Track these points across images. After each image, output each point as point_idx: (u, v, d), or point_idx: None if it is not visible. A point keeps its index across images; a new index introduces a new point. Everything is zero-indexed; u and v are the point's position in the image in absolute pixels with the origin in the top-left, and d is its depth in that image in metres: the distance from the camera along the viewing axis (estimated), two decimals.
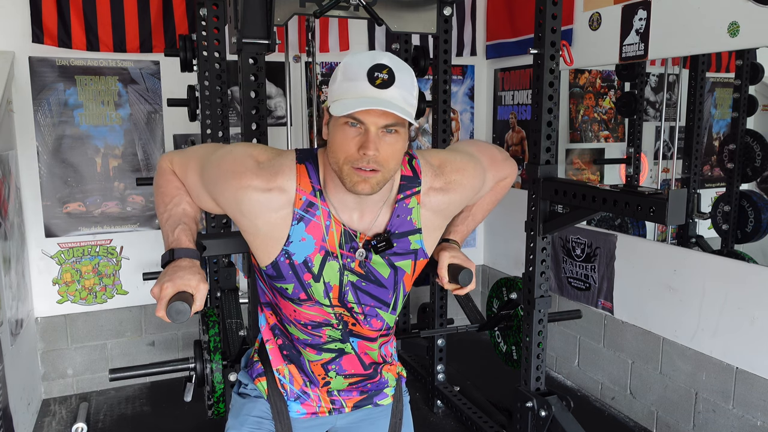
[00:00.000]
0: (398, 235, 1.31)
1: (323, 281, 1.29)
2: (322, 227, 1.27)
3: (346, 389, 1.45)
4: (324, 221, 1.27)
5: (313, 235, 1.26)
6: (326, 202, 1.27)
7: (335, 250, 1.28)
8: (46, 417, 3.20)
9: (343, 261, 1.29)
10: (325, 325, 1.35)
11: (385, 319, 1.39)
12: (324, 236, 1.27)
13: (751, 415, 2.50)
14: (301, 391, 1.44)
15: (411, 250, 1.34)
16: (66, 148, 3.26)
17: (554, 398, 2.32)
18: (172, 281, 1.16)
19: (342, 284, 1.30)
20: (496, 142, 4.08)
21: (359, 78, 1.13)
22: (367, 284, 1.33)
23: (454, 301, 3.00)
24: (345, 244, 1.29)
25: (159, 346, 3.57)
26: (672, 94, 3.28)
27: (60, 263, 3.33)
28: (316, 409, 1.46)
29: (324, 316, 1.33)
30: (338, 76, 1.17)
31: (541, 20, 2.19)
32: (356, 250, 1.29)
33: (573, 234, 3.31)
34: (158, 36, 3.29)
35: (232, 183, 1.24)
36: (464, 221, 1.56)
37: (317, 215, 1.26)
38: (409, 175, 1.31)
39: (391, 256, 1.32)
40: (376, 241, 1.29)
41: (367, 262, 1.31)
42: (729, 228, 2.81)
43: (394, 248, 1.31)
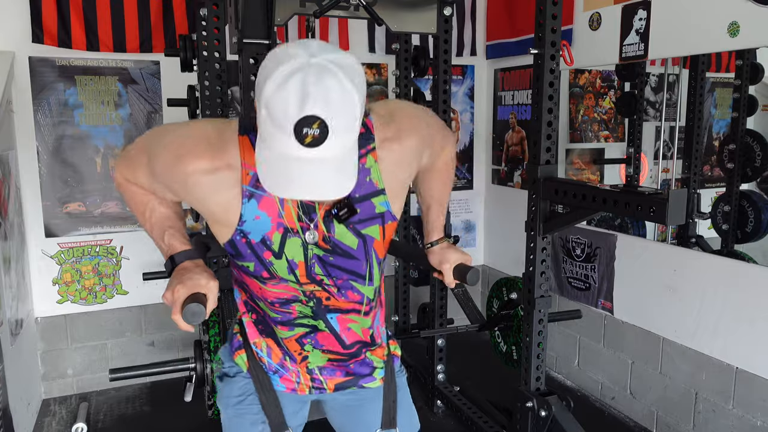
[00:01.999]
0: (360, 198, 1.18)
1: (285, 258, 1.19)
2: (276, 203, 1.15)
3: (326, 366, 1.36)
4: (276, 196, 1.15)
5: (267, 212, 1.15)
6: None
7: (294, 226, 1.17)
8: (46, 417, 3.20)
9: (305, 236, 1.18)
10: (293, 302, 1.26)
11: (363, 291, 1.28)
12: (280, 212, 1.16)
13: (751, 415, 2.50)
14: (279, 365, 1.36)
15: (376, 213, 1.21)
16: (66, 148, 3.26)
17: (554, 398, 2.32)
18: (182, 284, 1.15)
19: (307, 259, 1.20)
20: (496, 142, 4.09)
21: (284, 130, 0.94)
22: (335, 258, 1.22)
23: (454, 301, 3.00)
24: (303, 216, 1.17)
25: (159, 346, 3.57)
26: (672, 94, 3.28)
27: (60, 263, 3.33)
28: (296, 386, 1.38)
29: (292, 293, 1.24)
30: (262, 102, 0.97)
31: (541, 20, 2.19)
32: (316, 224, 1.18)
33: (573, 234, 3.31)
34: (158, 36, 3.29)
35: (179, 169, 1.15)
36: (438, 215, 1.53)
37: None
38: (362, 132, 1.11)
39: (356, 224, 1.20)
40: (337, 209, 1.16)
41: (330, 236, 1.19)
42: (729, 228, 2.81)
43: (357, 214, 1.19)
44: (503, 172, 4.03)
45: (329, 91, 0.94)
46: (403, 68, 3.25)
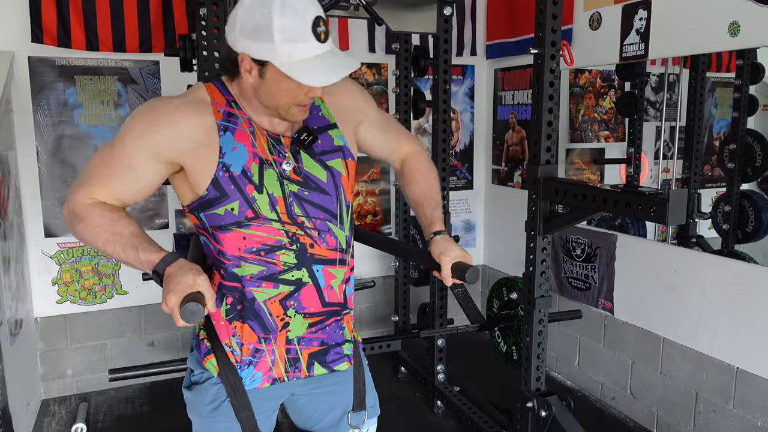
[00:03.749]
0: (318, 130, 1.38)
1: (266, 192, 1.30)
2: (248, 134, 1.31)
3: (305, 335, 1.40)
4: (248, 128, 1.31)
5: (243, 143, 1.30)
6: (243, 111, 1.32)
7: (268, 157, 1.31)
8: (45, 417, 3.20)
9: (279, 169, 1.32)
10: (278, 249, 1.32)
11: (338, 235, 1.39)
12: (253, 142, 1.31)
13: (751, 415, 2.50)
14: (253, 351, 1.38)
15: (336, 146, 1.40)
16: (65, 148, 3.26)
17: (554, 398, 2.32)
18: (172, 292, 1.17)
19: (285, 195, 1.32)
20: (496, 142, 4.09)
21: (306, 38, 1.20)
22: (309, 193, 1.35)
23: (454, 301, 3.00)
24: (273, 149, 1.33)
25: (159, 346, 3.57)
26: (672, 94, 3.28)
27: (59, 263, 3.32)
28: (271, 367, 1.40)
29: (275, 237, 1.32)
30: (274, 32, 1.19)
31: (541, 20, 2.19)
32: (284, 155, 1.33)
33: (573, 234, 3.31)
34: (158, 36, 3.29)
35: (159, 118, 1.28)
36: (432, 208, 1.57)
37: (240, 123, 1.31)
38: None
39: (321, 156, 1.37)
40: (299, 134, 1.34)
41: (300, 167, 1.34)
42: (729, 228, 2.81)
43: (320, 145, 1.37)
44: (503, 172, 4.03)
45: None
46: (403, 68, 3.25)
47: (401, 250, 2.70)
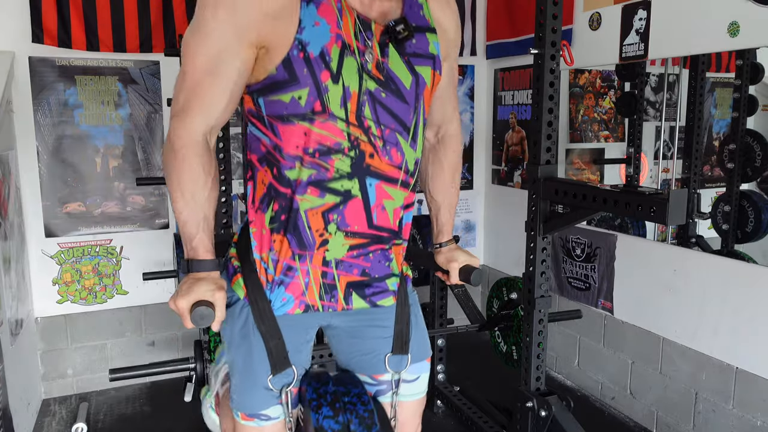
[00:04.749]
0: (415, 28, 1.22)
1: (342, 84, 1.15)
2: (335, 10, 1.14)
3: (344, 260, 1.27)
4: (335, 3, 1.15)
5: (326, 19, 1.13)
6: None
7: (352, 42, 1.15)
8: (46, 417, 3.20)
9: (361, 59, 1.16)
10: (335, 152, 1.18)
11: (405, 153, 1.25)
12: (338, 21, 1.14)
13: (751, 415, 2.50)
14: (285, 268, 1.26)
15: (430, 53, 1.25)
16: (66, 148, 3.26)
17: (554, 398, 2.32)
18: (186, 297, 1.15)
19: (361, 91, 1.17)
20: (496, 142, 4.09)
21: None
22: (387, 95, 1.20)
23: (454, 301, 3.00)
24: (359, 34, 1.16)
25: (159, 346, 3.57)
26: (672, 94, 3.28)
27: (60, 263, 3.33)
28: (304, 290, 1.27)
29: (336, 138, 1.18)
30: None
31: (541, 20, 2.19)
32: (371, 44, 1.17)
33: (573, 234, 3.31)
34: (158, 36, 3.29)
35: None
36: (447, 218, 1.53)
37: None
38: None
39: (411, 57, 1.22)
40: (395, 23, 1.17)
41: (384, 63, 1.19)
42: (729, 228, 2.81)
43: (413, 46, 1.21)
44: (503, 172, 4.03)
45: None
46: None
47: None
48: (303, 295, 1.28)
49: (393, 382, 1.41)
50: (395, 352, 1.39)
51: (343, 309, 1.31)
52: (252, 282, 1.28)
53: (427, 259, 1.54)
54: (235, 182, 3.15)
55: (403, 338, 1.39)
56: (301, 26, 1.12)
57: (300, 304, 1.29)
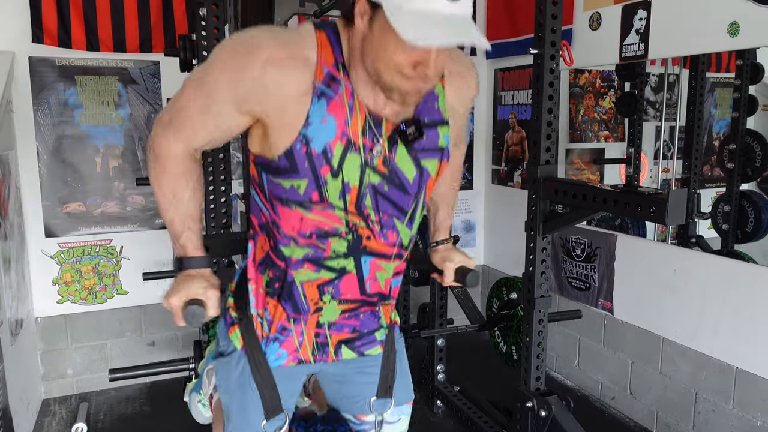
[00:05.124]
0: (427, 124, 1.20)
1: (342, 179, 1.14)
2: (345, 108, 1.12)
3: (336, 321, 1.32)
4: (347, 100, 1.12)
5: (335, 116, 1.11)
6: (349, 78, 1.12)
7: (357, 140, 1.14)
8: (46, 417, 3.20)
9: (365, 156, 1.15)
10: (332, 235, 1.20)
11: (401, 232, 1.26)
12: (347, 119, 1.12)
13: (751, 415, 2.50)
14: (280, 328, 1.30)
15: (438, 147, 1.23)
16: (66, 148, 3.26)
17: (554, 398, 2.32)
18: (178, 294, 1.17)
19: (362, 185, 1.17)
20: (496, 142, 4.09)
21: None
22: (390, 188, 1.20)
23: (454, 301, 3.00)
24: (368, 131, 1.14)
25: (159, 346, 3.57)
26: (672, 94, 3.28)
27: (60, 263, 3.33)
28: (297, 348, 1.32)
29: (333, 224, 1.19)
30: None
31: (541, 20, 2.19)
32: (380, 141, 1.15)
33: (573, 234, 3.31)
34: (158, 36, 3.29)
35: (253, 59, 1.08)
36: (446, 217, 1.54)
37: (339, 92, 1.12)
38: None
39: (419, 152, 1.20)
40: (406, 126, 1.15)
41: (391, 158, 1.18)
42: (729, 228, 2.81)
43: (422, 142, 1.19)
44: (503, 172, 4.03)
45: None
46: None
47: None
48: (296, 351, 1.34)
49: (376, 422, 1.47)
50: (380, 395, 1.44)
51: (333, 360, 1.37)
52: (249, 335, 1.32)
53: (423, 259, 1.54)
54: (235, 182, 3.15)
55: (387, 383, 1.45)
56: (308, 121, 1.11)
57: (293, 358, 1.35)
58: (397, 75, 1.06)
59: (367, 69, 1.09)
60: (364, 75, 1.11)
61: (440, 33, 0.98)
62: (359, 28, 1.07)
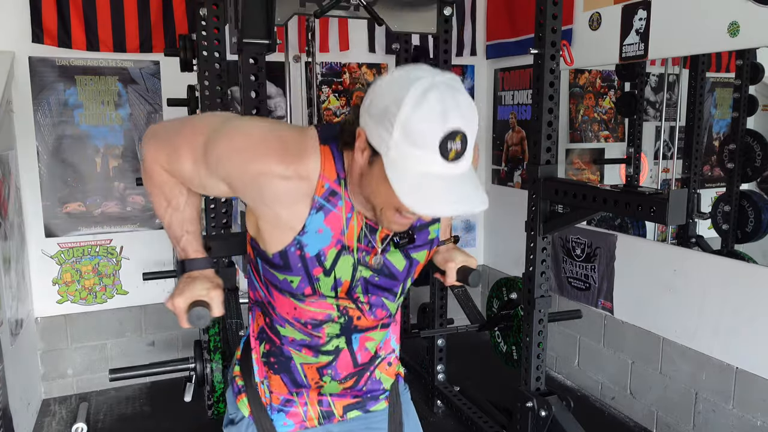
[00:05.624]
0: (419, 227, 1.24)
1: (334, 276, 1.19)
2: (342, 220, 1.15)
3: (339, 393, 1.38)
4: (345, 213, 1.15)
5: (331, 228, 1.15)
6: (348, 194, 1.14)
7: (352, 245, 1.18)
8: (46, 417, 3.20)
9: (359, 255, 1.19)
10: (326, 322, 1.26)
11: (389, 307, 1.31)
12: (343, 229, 1.16)
13: (751, 415, 2.50)
14: (284, 401, 1.35)
15: (428, 240, 1.28)
16: (66, 148, 3.26)
17: (554, 398, 2.32)
18: (182, 295, 1.18)
19: (353, 279, 1.22)
20: (496, 142, 4.09)
21: (428, 148, 0.95)
22: (380, 278, 1.25)
23: (454, 301, 3.00)
24: (363, 238, 1.19)
25: (159, 346, 3.57)
26: (672, 94, 3.28)
27: (60, 263, 3.33)
28: (304, 418, 1.37)
29: (326, 311, 1.24)
30: (396, 124, 0.96)
31: (541, 20, 2.19)
32: (373, 247, 1.20)
33: (573, 234, 3.31)
34: (158, 36, 3.29)
35: (253, 167, 1.09)
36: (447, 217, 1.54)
37: (339, 206, 1.14)
38: None
39: (410, 249, 1.26)
40: (399, 238, 1.20)
41: (383, 256, 1.22)
42: (729, 228, 2.81)
43: (415, 242, 1.24)
44: (503, 172, 4.03)
45: (461, 104, 0.97)
46: None
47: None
48: (303, 421, 1.37)
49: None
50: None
51: (338, 421, 1.40)
52: (255, 403, 1.35)
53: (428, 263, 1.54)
54: None
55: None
56: (304, 229, 1.13)
57: (300, 427, 1.38)
58: (391, 213, 1.08)
59: (364, 197, 1.11)
60: (361, 197, 1.12)
61: (440, 202, 0.98)
62: (358, 161, 1.07)
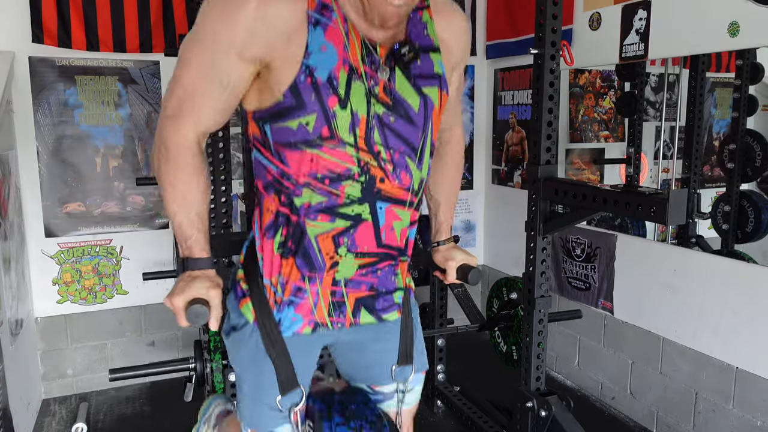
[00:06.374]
0: (420, 49, 1.22)
1: (350, 109, 1.14)
2: (342, 33, 1.13)
3: (353, 278, 1.28)
4: (342, 26, 1.13)
5: (334, 43, 1.12)
6: (339, 4, 1.13)
7: (359, 66, 1.14)
8: (46, 417, 3.20)
9: (368, 83, 1.15)
10: (345, 178, 1.18)
11: (413, 173, 1.24)
12: (345, 44, 1.13)
13: (751, 415, 2.50)
14: (295, 290, 1.27)
15: (435, 73, 1.24)
16: (66, 148, 3.26)
17: (554, 398, 2.32)
18: (181, 294, 1.17)
19: (369, 116, 1.16)
20: (496, 142, 4.09)
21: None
22: (395, 119, 1.19)
23: (454, 301, 3.00)
24: (366, 57, 1.15)
25: (159, 346, 3.57)
26: (672, 94, 3.28)
27: (60, 263, 3.33)
28: (313, 309, 1.28)
29: (346, 164, 1.17)
30: None
31: (541, 20, 2.19)
32: (377, 67, 1.16)
33: (573, 234, 3.31)
34: (158, 36, 3.29)
35: (243, 3, 1.08)
36: (447, 215, 1.54)
37: (333, 18, 1.12)
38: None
39: (418, 79, 1.21)
40: (399, 46, 1.17)
41: (392, 87, 1.18)
42: (729, 228, 2.81)
43: (419, 68, 1.21)
44: (503, 172, 4.03)
45: None
46: None
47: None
48: (312, 314, 1.29)
49: (398, 391, 1.45)
50: (401, 363, 1.42)
51: (351, 325, 1.33)
52: (261, 305, 1.29)
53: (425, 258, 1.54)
54: (235, 182, 3.15)
55: (407, 350, 1.43)
56: (308, 51, 1.11)
57: (309, 322, 1.30)
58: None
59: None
60: (351, 1, 1.12)
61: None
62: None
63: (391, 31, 1.18)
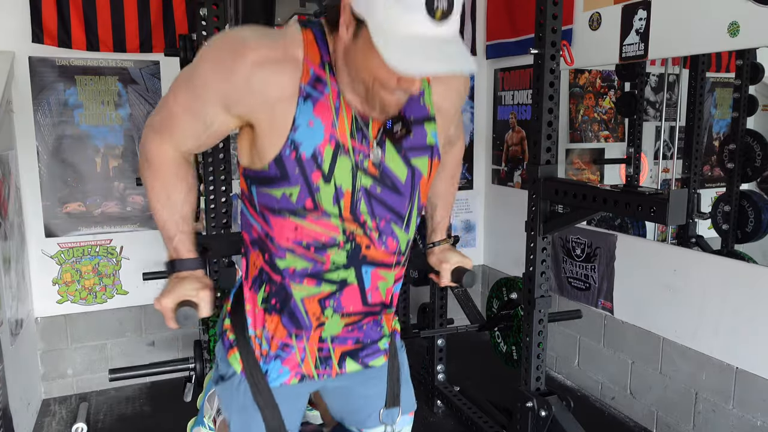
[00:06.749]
0: (414, 122, 1.19)
1: (334, 183, 1.13)
2: (332, 109, 1.10)
3: (340, 334, 1.30)
4: (333, 101, 1.10)
5: (322, 119, 1.09)
6: (335, 79, 1.10)
7: (346, 142, 1.12)
8: (46, 417, 3.20)
9: (356, 158, 1.13)
10: (330, 246, 1.18)
11: (400, 238, 1.24)
12: (334, 121, 1.10)
13: (751, 415, 2.50)
14: (281, 345, 1.28)
15: (427, 144, 1.21)
16: (66, 148, 3.26)
17: (554, 398, 2.32)
18: (170, 295, 1.17)
19: (354, 189, 1.15)
20: (496, 142, 4.09)
21: (414, 7, 0.93)
22: (382, 190, 1.18)
23: (454, 301, 3.00)
24: (356, 133, 1.12)
25: (159, 346, 3.57)
26: (672, 94, 3.28)
27: (60, 263, 3.33)
28: (300, 363, 1.30)
29: (331, 233, 1.17)
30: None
31: (541, 20, 2.19)
32: (368, 142, 1.13)
33: (573, 234, 3.31)
34: (158, 36, 3.29)
35: (240, 62, 1.06)
36: (443, 216, 1.53)
37: (326, 93, 1.10)
38: None
39: (408, 152, 1.19)
40: (392, 123, 1.14)
41: (381, 161, 1.16)
42: (729, 228, 2.81)
43: (410, 140, 1.18)
44: (503, 172, 4.03)
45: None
46: None
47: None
48: (299, 366, 1.31)
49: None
50: (388, 405, 1.43)
51: (336, 375, 1.35)
52: (248, 357, 1.30)
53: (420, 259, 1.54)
54: (235, 182, 3.15)
55: (394, 392, 1.43)
56: (295, 125, 1.09)
57: (296, 374, 1.32)
58: (380, 88, 1.05)
59: (351, 79, 1.08)
60: (348, 78, 1.09)
61: (427, 61, 0.96)
62: (343, 37, 1.05)
63: (381, 117, 1.15)
